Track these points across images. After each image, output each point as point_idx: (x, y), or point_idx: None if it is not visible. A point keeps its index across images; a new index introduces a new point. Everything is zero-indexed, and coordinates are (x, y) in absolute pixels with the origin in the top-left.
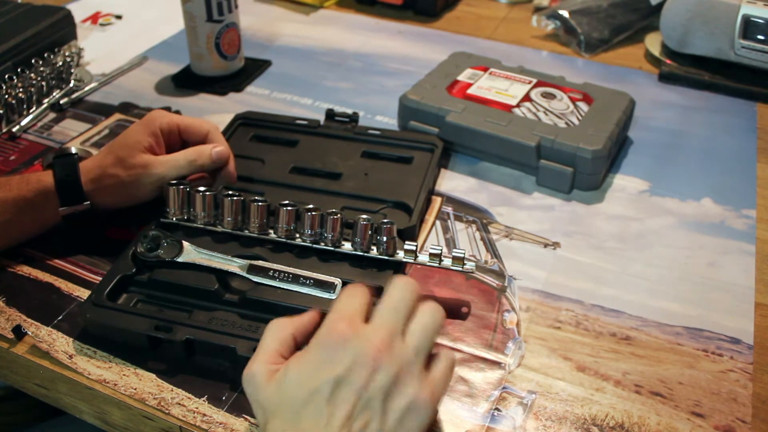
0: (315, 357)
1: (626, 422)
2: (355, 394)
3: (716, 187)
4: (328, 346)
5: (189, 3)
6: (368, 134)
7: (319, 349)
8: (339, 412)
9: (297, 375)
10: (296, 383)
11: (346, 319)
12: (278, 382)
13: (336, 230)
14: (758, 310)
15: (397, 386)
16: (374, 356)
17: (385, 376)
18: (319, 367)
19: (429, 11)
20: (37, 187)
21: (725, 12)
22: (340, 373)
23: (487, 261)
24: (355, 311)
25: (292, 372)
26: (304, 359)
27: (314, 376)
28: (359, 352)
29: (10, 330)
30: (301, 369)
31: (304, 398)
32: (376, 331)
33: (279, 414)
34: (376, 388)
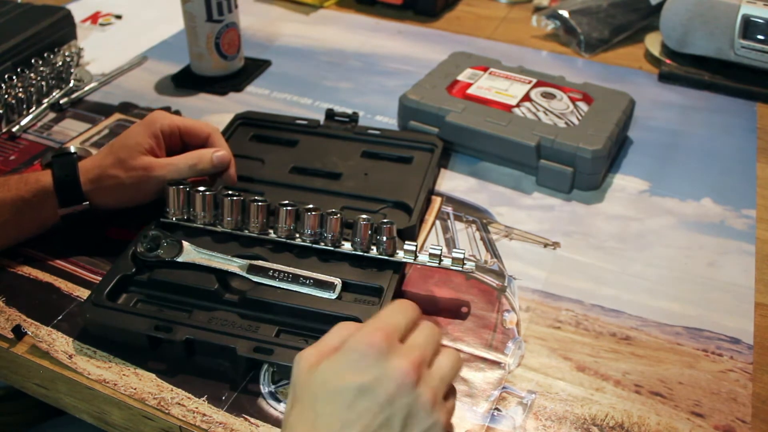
0: (345, 359)
1: (626, 422)
2: (377, 407)
3: (716, 187)
4: (360, 352)
5: (189, 3)
6: (368, 134)
7: (350, 353)
8: (357, 421)
9: (325, 372)
10: (322, 380)
11: (385, 331)
12: (310, 373)
13: (336, 230)
14: (758, 310)
15: (420, 409)
16: (405, 373)
17: (410, 397)
18: (347, 370)
19: (429, 11)
20: (36, 187)
21: (725, 12)
22: (366, 382)
23: (486, 261)
24: (396, 327)
25: (323, 367)
26: (335, 358)
27: (340, 377)
28: (390, 366)
29: (10, 330)
30: (331, 367)
31: (325, 397)
32: (410, 351)
33: (301, 403)
34: (399, 406)
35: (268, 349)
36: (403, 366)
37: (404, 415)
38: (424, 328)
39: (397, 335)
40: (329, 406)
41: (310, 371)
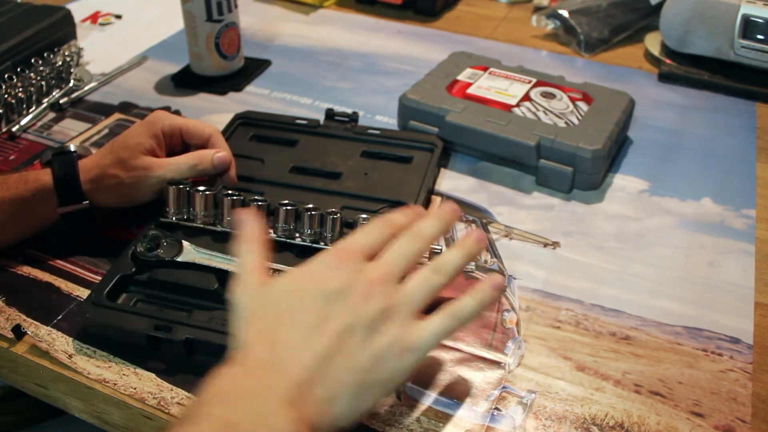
0: (310, 270)
1: (626, 422)
2: (342, 315)
3: (716, 187)
4: (326, 263)
5: (189, 3)
6: (368, 134)
7: (316, 265)
8: (322, 328)
9: (288, 283)
10: (285, 290)
11: (351, 249)
12: (267, 287)
13: (336, 230)
14: (758, 309)
15: (384, 323)
16: (368, 285)
17: (374, 308)
18: (312, 279)
19: (429, 11)
20: (36, 186)
21: (725, 12)
22: (333, 289)
23: (486, 260)
24: (364, 246)
25: (284, 279)
26: (298, 271)
27: (306, 286)
28: (355, 278)
29: (10, 329)
30: (294, 278)
31: (289, 305)
32: (375, 267)
33: (258, 317)
34: (363, 316)
35: None
36: (365, 278)
37: (368, 326)
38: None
39: (364, 253)
40: (295, 315)
41: (264, 286)
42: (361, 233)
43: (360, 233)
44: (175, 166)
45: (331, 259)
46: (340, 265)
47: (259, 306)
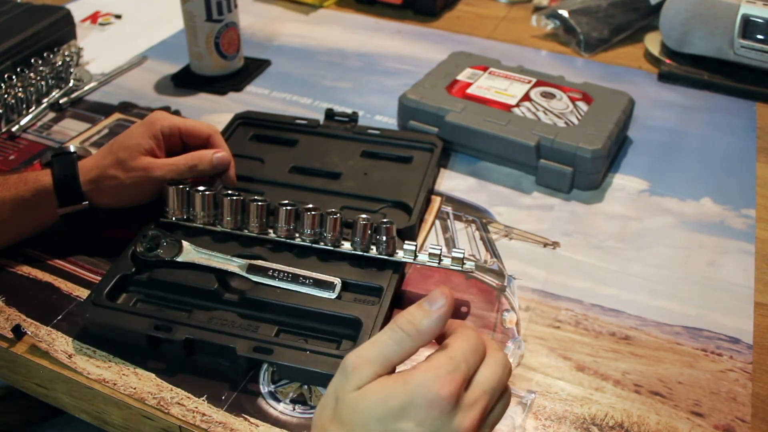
0: (407, 400)
1: (626, 422)
2: None
3: (716, 187)
4: (427, 400)
5: (188, 2)
6: (368, 134)
7: (415, 397)
8: None
9: (380, 404)
10: (376, 415)
11: (457, 382)
12: (362, 395)
13: (335, 230)
14: (758, 309)
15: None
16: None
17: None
18: (405, 413)
19: (428, 11)
20: (36, 186)
21: (725, 12)
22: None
23: (486, 260)
24: (468, 372)
25: (380, 396)
26: (396, 392)
27: (396, 417)
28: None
29: (10, 329)
30: (389, 401)
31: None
32: (473, 406)
33: (342, 424)
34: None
35: (267, 348)
36: (465, 425)
37: None
38: (491, 366)
39: (466, 382)
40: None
41: (363, 394)
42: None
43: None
44: (174, 167)
45: (432, 395)
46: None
47: (348, 410)
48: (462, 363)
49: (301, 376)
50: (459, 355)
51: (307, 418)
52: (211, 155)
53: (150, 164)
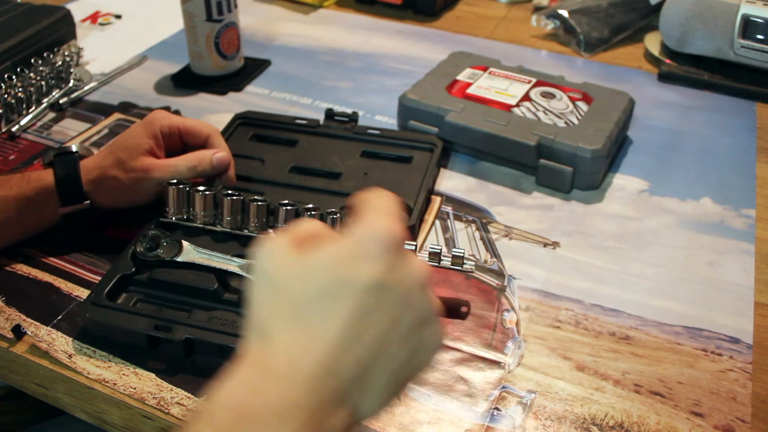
0: (359, 245)
1: (626, 422)
2: (391, 311)
3: (715, 187)
4: (381, 241)
5: (188, 2)
6: (368, 134)
7: (366, 238)
8: (366, 325)
9: (331, 259)
10: (326, 266)
11: (400, 233)
12: (304, 258)
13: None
14: (757, 309)
15: (432, 315)
16: (423, 273)
17: (425, 300)
18: (361, 257)
19: (428, 11)
20: (38, 185)
21: (725, 11)
22: (382, 280)
23: (486, 260)
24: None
25: (325, 253)
26: (344, 243)
27: (353, 265)
28: (411, 262)
29: (10, 329)
30: (338, 255)
31: (329, 288)
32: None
33: (286, 296)
34: (416, 307)
35: None
36: (423, 264)
37: (416, 317)
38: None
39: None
40: (336, 302)
41: (301, 256)
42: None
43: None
44: (174, 167)
45: (379, 239)
46: (391, 245)
47: (290, 280)
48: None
49: None
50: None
51: None
52: (210, 155)
53: (150, 165)
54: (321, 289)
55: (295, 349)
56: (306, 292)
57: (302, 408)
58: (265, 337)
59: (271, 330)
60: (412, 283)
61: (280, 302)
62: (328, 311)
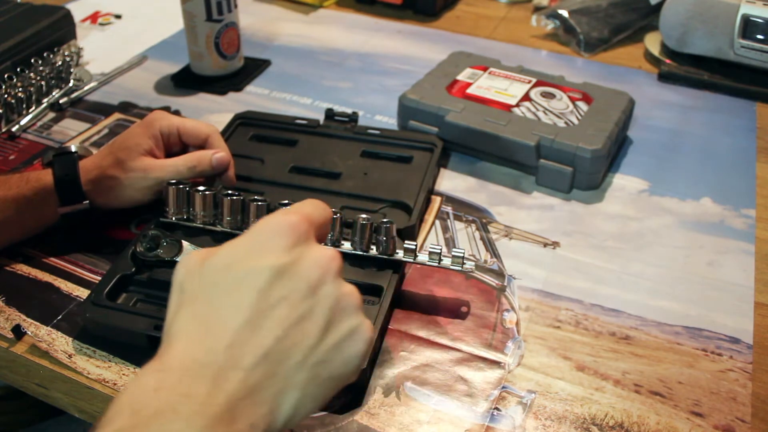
0: (253, 240)
1: (626, 422)
2: (298, 295)
3: (715, 187)
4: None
5: (188, 2)
6: (368, 134)
7: (258, 233)
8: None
9: (227, 255)
10: (223, 263)
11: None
12: (203, 265)
13: (335, 230)
14: (758, 309)
15: (348, 303)
16: (331, 258)
17: (336, 287)
18: (257, 251)
19: (428, 11)
20: (37, 185)
21: (725, 11)
22: (284, 264)
23: (486, 260)
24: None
25: (222, 253)
26: (238, 242)
27: (247, 259)
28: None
29: (10, 329)
30: (235, 249)
31: (227, 285)
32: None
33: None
34: (324, 295)
35: None
36: (329, 251)
37: (329, 306)
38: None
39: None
40: (234, 295)
41: (203, 264)
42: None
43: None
44: (174, 167)
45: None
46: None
47: (193, 284)
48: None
49: None
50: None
51: (307, 418)
52: (210, 156)
53: (149, 165)
54: (219, 286)
55: (196, 346)
56: (205, 291)
57: (208, 405)
58: (170, 341)
59: (176, 332)
60: (317, 271)
61: (184, 305)
62: (227, 305)
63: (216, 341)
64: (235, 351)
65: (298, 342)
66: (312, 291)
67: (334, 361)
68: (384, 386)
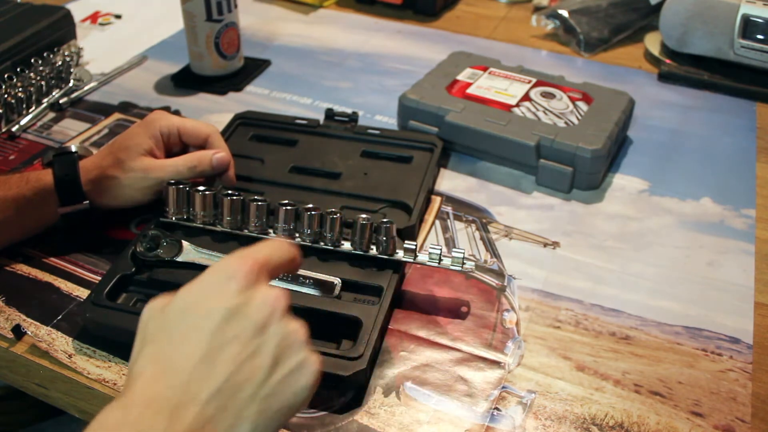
0: (206, 283)
1: (626, 422)
2: (248, 334)
3: (716, 187)
4: (225, 275)
5: (188, 2)
6: (368, 134)
7: (211, 277)
8: (223, 350)
9: (182, 301)
10: (179, 308)
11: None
12: (163, 310)
13: (336, 230)
14: (758, 309)
15: (294, 340)
16: (277, 298)
17: (283, 326)
18: (209, 294)
19: (428, 11)
20: (37, 185)
21: (725, 11)
22: (235, 305)
23: (486, 260)
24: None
25: (179, 297)
26: (193, 286)
27: (201, 302)
28: (261, 291)
29: (10, 329)
30: (189, 295)
31: (184, 326)
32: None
33: (152, 343)
34: (272, 334)
35: None
36: (275, 292)
37: (277, 343)
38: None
39: (266, 269)
40: (190, 336)
41: (163, 309)
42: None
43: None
44: (174, 167)
45: (231, 269)
46: (243, 276)
47: (155, 328)
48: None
49: None
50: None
51: (307, 418)
52: (210, 156)
53: (149, 165)
54: (177, 327)
55: (156, 383)
56: (165, 332)
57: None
58: (132, 379)
59: (138, 370)
60: (265, 311)
61: (146, 345)
62: (184, 345)
63: (174, 378)
64: (192, 386)
65: (249, 377)
66: (260, 330)
67: (283, 393)
68: (384, 386)
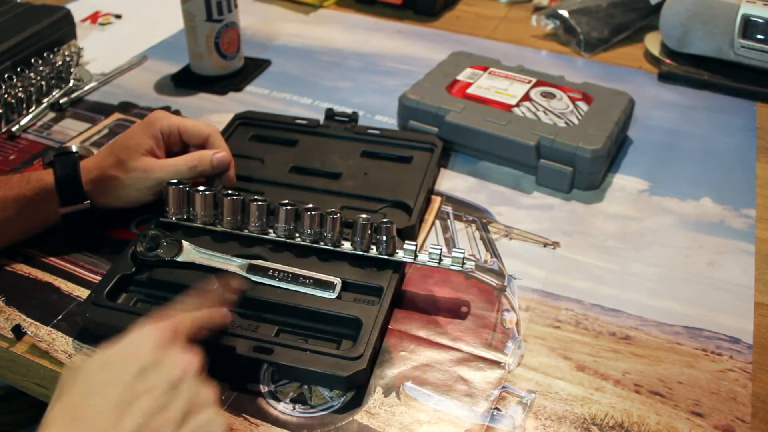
0: (123, 344)
1: (626, 422)
2: (159, 389)
3: (716, 187)
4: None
5: (188, 2)
6: (368, 134)
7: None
8: (134, 403)
9: (101, 356)
10: (98, 364)
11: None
12: (85, 364)
13: (336, 230)
14: (758, 309)
15: (204, 400)
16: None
17: (195, 385)
18: (125, 352)
19: (428, 11)
20: (38, 185)
21: (725, 11)
22: (150, 362)
23: (486, 260)
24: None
25: (98, 353)
26: (111, 347)
27: (118, 359)
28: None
29: (10, 329)
30: (106, 354)
31: (98, 381)
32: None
33: (66, 394)
34: (183, 392)
35: (267, 348)
36: (189, 354)
37: (188, 399)
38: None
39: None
40: (104, 389)
41: (84, 363)
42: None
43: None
44: (174, 167)
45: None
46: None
47: (73, 380)
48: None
49: (301, 376)
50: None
51: (307, 418)
52: (211, 156)
53: (150, 165)
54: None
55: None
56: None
57: None
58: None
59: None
60: (178, 369)
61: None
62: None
63: (86, 427)
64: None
65: (159, 429)
66: (172, 386)
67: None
68: (384, 386)
